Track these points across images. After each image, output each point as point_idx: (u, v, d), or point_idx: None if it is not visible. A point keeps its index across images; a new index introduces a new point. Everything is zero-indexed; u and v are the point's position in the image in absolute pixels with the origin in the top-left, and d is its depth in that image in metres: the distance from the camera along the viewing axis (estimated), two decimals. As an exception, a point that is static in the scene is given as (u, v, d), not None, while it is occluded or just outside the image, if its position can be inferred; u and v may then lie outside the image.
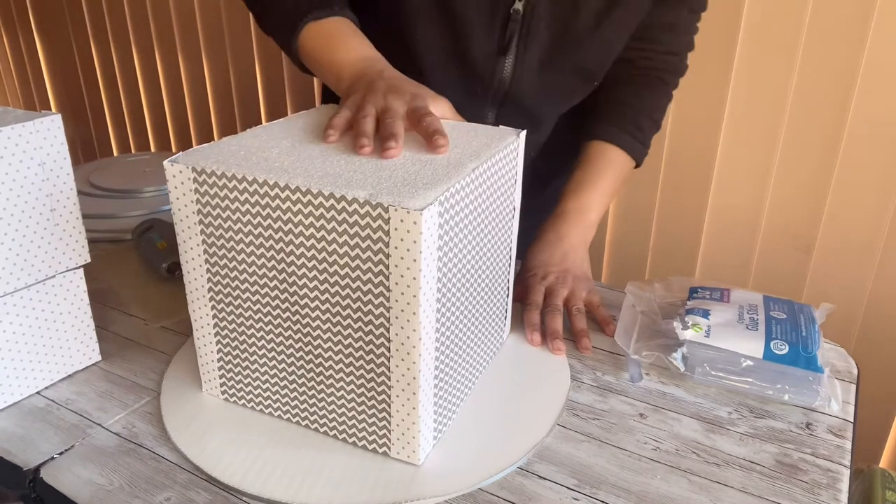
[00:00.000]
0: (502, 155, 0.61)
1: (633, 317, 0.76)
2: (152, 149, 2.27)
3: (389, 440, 0.57)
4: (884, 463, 1.33)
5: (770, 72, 1.19)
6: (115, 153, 2.39)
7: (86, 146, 2.47)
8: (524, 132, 0.65)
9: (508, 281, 0.71)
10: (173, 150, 2.17)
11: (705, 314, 0.70)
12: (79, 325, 0.69)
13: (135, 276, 0.89)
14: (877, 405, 1.28)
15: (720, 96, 1.24)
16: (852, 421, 0.64)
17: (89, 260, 0.68)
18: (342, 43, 0.74)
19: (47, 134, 0.62)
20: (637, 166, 0.94)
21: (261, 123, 0.67)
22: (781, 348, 0.66)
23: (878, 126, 1.14)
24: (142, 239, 0.91)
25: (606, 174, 0.89)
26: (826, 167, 1.20)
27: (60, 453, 0.59)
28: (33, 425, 0.63)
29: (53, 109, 1.74)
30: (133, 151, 2.33)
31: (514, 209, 0.68)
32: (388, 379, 0.54)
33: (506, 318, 0.73)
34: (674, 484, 0.56)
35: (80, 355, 0.70)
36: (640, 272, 1.44)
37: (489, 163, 0.58)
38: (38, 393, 0.67)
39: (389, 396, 0.55)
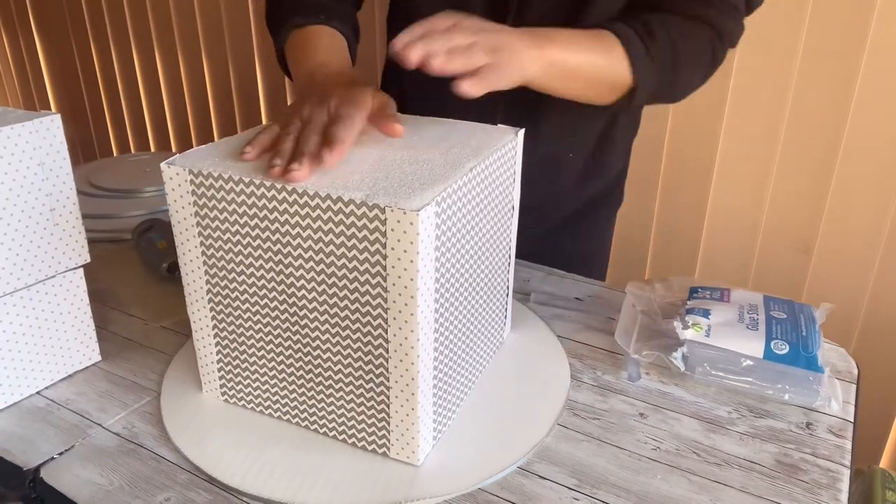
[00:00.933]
0: (500, 154, 0.61)
1: (634, 316, 0.76)
2: (152, 149, 2.27)
3: (389, 441, 0.57)
4: (884, 463, 1.33)
5: (770, 72, 1.19)
6: (115, 153, 2.39)
7: (86, 146, 2.47)
8: (522, 131, 0.65)
9: (508, 280, 0.71)
10: (173, 150, 2.17)
11: (705, 314, 0.70)
12: (79, 325, 0.69)
13: (135, 276, 0.89)
14: (877, 405, 1.28)
15: (720, 96, 1.24)
16: (852, 421, 0.64)
17: (89, 260, 0.68)
18: (308, 51, 0.72)
19: (47, 134, 0.62)
20: (634, 88, 0.73)
21: (261, 123, 0.67)
22: (782, 348, 0.66)
23: (879, 126, 1.14)
24: (142, 239, 0.91)
25: (586, 36, 0.71)
26: (826, 167, 1.20)
27: (60, 453, 0.59)
28: (33, 425, 0.63)
29: (53, 109, 1.74)
30: (133, 151, 2.33)
31: (513, 208, 0.68)
32: (387, 380, 0.54)
33: (505, 317, 0.73)
34: (674, 484, 0.56)
35: (80, 355, 0.70)
36: (640, 272, 1.44)
37: (487, 162, 0.58)
38: (38, 393, 0.67)
39: (388, 397, 0.55)
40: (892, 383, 1.25)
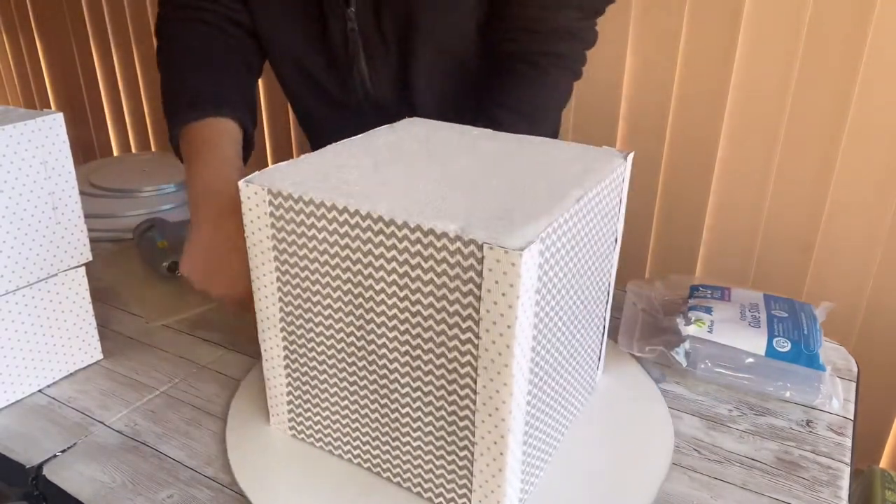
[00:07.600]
0: (609, 181, 0.53)
1: (635, 315, 0.76)
2: (152, 149, 2.27)
3: (469, 500, 0.51)
4: (884, 463, 1.33)
5: (770, 70, 1.19)
6: (115, 153, 2.39)
7: (86, 146, 2.47)
8: (632, 154, 0.58)
9: (605, 319, 0.64)
10: (173, 150, 2.17)
11: (708, 311, 0.70)
12: (80, 324, 0.69)
13: (136, 276, 0.89)
14: (877, 405, 1.28)
15: (720, 96, 1.24)
16: (852, 419, 0.64)
17: (91, 258, 0.68)
18: (199, 162, 0.73)
19: (49, 132, 0.62)
20: None
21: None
22: (784, 346, 0.66)
23: (879, 125, 1.14)
24: (143, 238, 0.91)
25: None
26: (826, 166, 1.20)
27: (63, 451, 0.59)
28: (36, 423, 0.63)
29: (54, 109, 1.75)
30: (133, 151, 2.33)
31: (616, 240, 0.61)
32: (472, 435, 0.48)
33: (599, 358, 0.66)
34: (675, 480, 0.56)
35: (81, 353, 0.70)
36: (640, 271, 1.44)
37: (594, 191, 0.51)
38: (40, 391, 0.67)
39: (472, 454, 0.48)
40: (892, 383, 1.25)
